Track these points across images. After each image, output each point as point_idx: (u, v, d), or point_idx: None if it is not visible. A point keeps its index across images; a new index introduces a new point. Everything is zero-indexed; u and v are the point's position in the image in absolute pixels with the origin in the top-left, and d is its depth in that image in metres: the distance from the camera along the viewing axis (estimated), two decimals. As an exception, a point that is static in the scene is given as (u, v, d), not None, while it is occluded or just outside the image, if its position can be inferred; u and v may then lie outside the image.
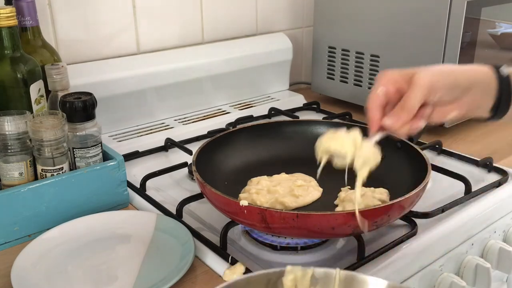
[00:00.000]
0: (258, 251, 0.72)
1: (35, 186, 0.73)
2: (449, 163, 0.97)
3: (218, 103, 1.25)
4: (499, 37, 1.15)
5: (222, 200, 0.66)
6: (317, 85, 1.35)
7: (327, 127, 0.89)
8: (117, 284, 0.64)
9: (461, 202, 0.82)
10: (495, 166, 0.94)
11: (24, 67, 0.79)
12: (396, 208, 0.64)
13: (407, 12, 1.09)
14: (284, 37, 1.33)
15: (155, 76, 1.10)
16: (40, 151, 0.75)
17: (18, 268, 0.65)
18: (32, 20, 0.85)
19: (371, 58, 1.19)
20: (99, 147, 0.81)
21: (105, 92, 1.01)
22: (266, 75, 1.32)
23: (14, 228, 0.73)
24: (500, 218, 0.87)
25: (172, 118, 1.17)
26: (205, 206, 0.78)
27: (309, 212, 0.62)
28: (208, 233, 0.75)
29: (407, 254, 0.71)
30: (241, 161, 0.85)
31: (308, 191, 0.77)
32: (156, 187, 0.89)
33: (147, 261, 0.68)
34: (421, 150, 0.77)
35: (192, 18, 1.21)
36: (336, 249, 0.72)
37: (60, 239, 0.72)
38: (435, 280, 0.77)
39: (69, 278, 0.65)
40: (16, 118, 0.74)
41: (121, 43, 1.11)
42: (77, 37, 1.05)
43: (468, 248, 0.82)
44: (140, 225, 0.75)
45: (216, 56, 1.20)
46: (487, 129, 1.14)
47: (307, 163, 0.85)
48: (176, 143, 1.02)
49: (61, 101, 0.78)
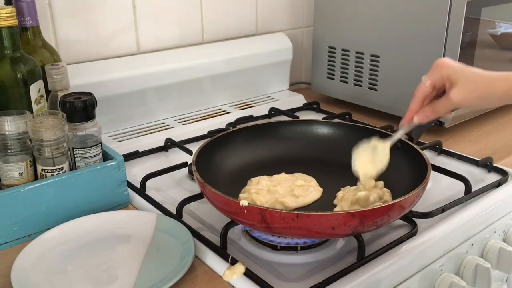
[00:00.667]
0: (258, 251, 0.72)
1: (35, 186, 0.73)
2: (449, 163, 0.97)
3: (218, 103, 1.25)
4: (499, 37, 1.15)
5: (222, 200, 0.66)
6: (317, 85, 1.35)
7: (327, 127, 0.89)
8: (117, 284, 0.64)
9: (461, 202, 0.82)
10: (495, 166, 0.94)
11: (24, 67, 0.79)
12: (396, 208, 0.64)
13: (407, 12, 1.09)
14: (284, 37, 1.33)
15: (155, 76, 1.10)
16: (40, 151, 0.75)
17: (18, 268, 0.65)
18: (32, 20, 0.85)
19: (371, 58, 1.19)
20: (99, 147, 0.81)
21: (105, 92, 1.01)
22: (266, 75, 1.32)
23: (14, 228, 0.73)
24: (500, 218, 0.87)
25: (172, 118, 1.17)
26: (205, 206, 0.78)
27: (309, 212, 0.62)
28: (208, 233, 0.75)
29: (407, 254, 0.71)
30: (241, 161, 0.85)
31: (308, 191, 0.77)
32: (156, 187, 0.89)
33: (147, 261, 0.68)
34: (421, 150, 0.77)
35: (192, 18, 1.21)
36: (336, 249, 0.72)
37: (60, 239, 0.72)
38: (435, 280, 0.77)
39: (69, 278, 0.65)
40: (16, 118, 0.74)
41: (121, 43, 1.11)
42: (77, 37, 1.05)
43: (468, 248, 0.82)
44: (140, 225, 0.75)
45: (216, 56, 1.20)
46: (487, 129, 1.14)
47: (307, 163, 0.86)
48: (176, 143, 1.02)
49: (61, 101, 0.78)
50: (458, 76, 0.69)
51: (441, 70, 0.70)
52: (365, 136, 0.84)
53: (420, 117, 0.72)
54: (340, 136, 0.88)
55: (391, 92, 1.16)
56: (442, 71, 0.70)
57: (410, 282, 0.73)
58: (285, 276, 0.67)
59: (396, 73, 1.14)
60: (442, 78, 0.70)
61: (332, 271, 0.66)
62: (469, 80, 0.69)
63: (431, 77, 0.71)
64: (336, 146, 0.87)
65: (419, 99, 0.72)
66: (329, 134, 0.89)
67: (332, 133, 0.89)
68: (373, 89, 1.20)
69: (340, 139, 0.88)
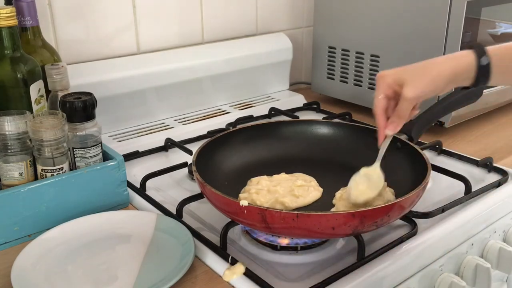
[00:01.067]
0: (258, 251, 0.72)
1: (35, 186, 0.73)
2: (449, 163, 0.97)
3: (218, 103, 1.25)
4: (499, 37, 1.15)
5: (222, 200, 0.66)
6: (317, 85, 1.35)
7: (327, 127, 0.89)
8: (117, 284, 0.64)
9: (461, 202, 0.82)
10: (495, 166, 0.94)
11: (24, 67, 0.79)
12: (396, 208, 0.64)
13: (407, 12, 1.09)
14: (284, 37, 1.33)
15: (155, 76, 1.10)
16: (40, 151, 0.75)
17: (18, 268, 0.65)
18: (32, 20, 0.85)
19: (371, 58, 1.19)
20: (99, 147, 0.81)
21: (105, 92, 1.01)
22: (266, 75, 1.32)
23: (14, 228, 0.73)
24: (500, 218, 0.87)
25: (172, 118, 1.17)
26: (205, 206, 0.78)
27: (309, 212, 0.62)
28: (208, 233, 0.75)
29: (407, 254, 0.71)
30: (241, 161, 0.85)
31: (308, 191, 0.77)
32: (156, 187, 0.89)
33: (147, 261, 0.68)
34: (421, 150, 0.77)
35: (192, 18, 1.21)
36: (336, 249, 0.72)
37: (60, 239, 0.72)
38: (435, 280, 0.77)
39: (69, 278, 0.65)
40: (16, 118, 0.74)
41: (121, 43, 1.11)
42: (77, 37, 1.05)
43: (468, 248, 0.82)
44: (140, 225, 0.75)
45: (216, 56, 1.20)
46: (487, 129, 1.14)
47: (307, 163, 0.86)
48: (176, 143, 1.02)
49: (61, 101, 0.78)
50: (403, 76, 0.70)
51: (384, 79, 0.71)
52: (365, 136, 0.84)
53: (390, 128, 0.71)
54: (340, 136, 0.88)
55: (391, 92, 1.16)
56: (386, 80, 0.71)
57: (410, 282, 0.73)
58: (285, 276, 0.67)
59: (396, 73, 1.14)
60: (389, 86, 0.71)
61: (332, 271, 0.66)
62: (415, 73, 0.70)
63: (379, 90, 0.72)
64: (336, 146, 0.87)
65: (380, 114, 0.72)
66: (329, 134, 0.89)
67: (332, 133, 0.89)
68: (373, 89, 1.20)
69: (340, 139, 0.88)
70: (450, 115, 1.06)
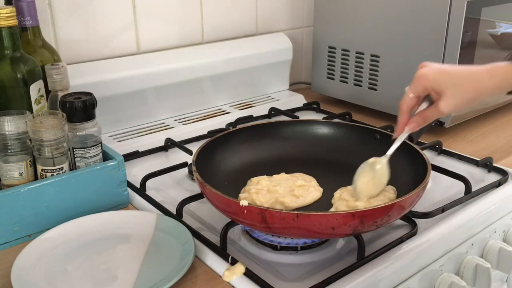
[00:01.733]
0: (258, 251, 0.72)
1: (35, 186, 0.73)
2: (449, 163, 0.97)
3: (218, 103, 1.25)
4: (499, 37, 1.15)
5: (222, 200, 0.66)
6: (317, 85, 1.35)
7: (327, 127, 0.89)
8: (117, 284, 0.64)
9: (461, 202, 0.82)
10: (495, 166, 0.94)
11: (24, 67, 0.79)
12: (396, 208, 0.64)
13: (407, 12, 1.09)
14: (284, 37, 1.33)
15: (155, 76, 1.10)
16: (40, 151, 0.75)
17: (18, 268, 0.65)
18: (32, 20, 0.85)
19: (371, 58, 1.19)
20: (99, 147, 0.81)
21: (105, 92, 1.01)
22: (266, 75, 1.32)
23: (14, 228, 0.73)
24: (500, 218, 0.87)
25: (172, 118, 1.17)
26: (205, 206, 0.78)
27: (309, 212, 0.62)
28: (208, 233, 0.75)
29: (407, 254, 0.71)
30: (241, 161, 0.85)
31: (308, 191, 0.77)
32: (156, 187, 0.89)
33: (147, 261, 0.68)
34: (421, 150, 0.77)
35: (192, 18, 1.21)
36: (336, 249, 0.72)
37: (60, 239, 0.72)
38: (435, 280, 0.77)
39: (69, 278, 0.65)
40: (16, 118, 0.74)
41: (121, 43, 1.11)
42: (77, 37, 1.05)
43: (468, 248, 0.82)
44: (140, 225, 0.75)
45: (216, 56, 1.20)
46: (487, 129, 1.14)
47: (307, 163, 0.86)
48: (176, 143, 1.02)
49: (61, 101, 0.78)
50: (443, 87, 0.68)
51: (424, 82, 0.70)
52: (365, 136, 0.84)
53: (411, 127, 0.71)
54: (340, 136, 0.88)
55: (391, 92, 1.16)
56: (425, 83, 0.69)
57: (410, 282, 0.73)
58: (285, 276, 0.67)
59: (396, 73, 1.14)
60: (426, 90, 0.70)
61: (332, 271, 0.66)
62: (456, 88, 0.68)
63: (414, 90, 0.70)
64: (336, 146, 0.87)
65: (406, 112, 0.72)
66: (329, 134, 0.89)
67: (332, 133, 0.89)
68: (373, 89, 1.20)
69: (340, 139, 0.88)
70: (450, 115, 1.06)
